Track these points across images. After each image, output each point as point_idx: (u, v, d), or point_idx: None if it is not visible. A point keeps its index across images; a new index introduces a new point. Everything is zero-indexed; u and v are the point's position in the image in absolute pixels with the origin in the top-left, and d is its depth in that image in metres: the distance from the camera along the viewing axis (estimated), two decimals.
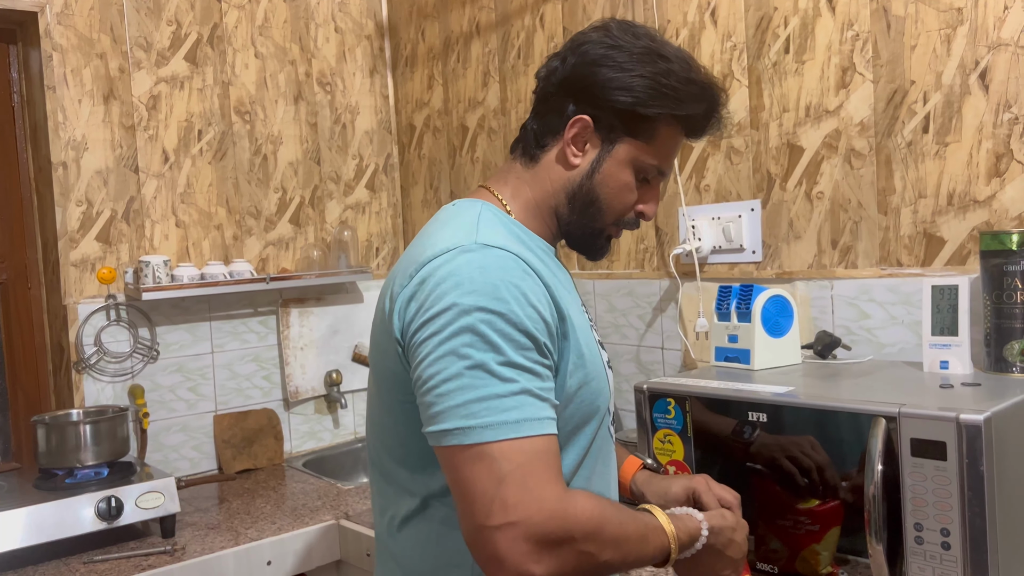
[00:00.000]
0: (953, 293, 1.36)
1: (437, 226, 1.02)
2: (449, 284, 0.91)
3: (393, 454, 1.03)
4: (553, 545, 0.85)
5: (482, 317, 0.88)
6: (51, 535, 1.67)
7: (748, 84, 1.78)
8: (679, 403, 1.41)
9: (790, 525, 1.25)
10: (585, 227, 1.08)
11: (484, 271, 0.91)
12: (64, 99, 2.15)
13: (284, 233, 2.53)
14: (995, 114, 1.43)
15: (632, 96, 1.00)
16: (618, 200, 1.06)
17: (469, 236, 0.95)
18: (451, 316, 0.89)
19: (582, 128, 1.04)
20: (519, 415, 0.87)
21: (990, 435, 1.06)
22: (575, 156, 1.05)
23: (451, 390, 0.88)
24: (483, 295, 0.89)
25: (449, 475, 0.89)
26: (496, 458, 0.86)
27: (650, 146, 1.04)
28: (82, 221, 2.18)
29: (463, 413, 0.87)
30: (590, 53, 1.03)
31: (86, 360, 2.15)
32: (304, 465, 2.39)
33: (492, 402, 0.87)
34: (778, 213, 1.75)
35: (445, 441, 0.88)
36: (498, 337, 0.88)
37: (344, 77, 2.67)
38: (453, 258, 0.93)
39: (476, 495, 0.86)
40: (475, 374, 0.87)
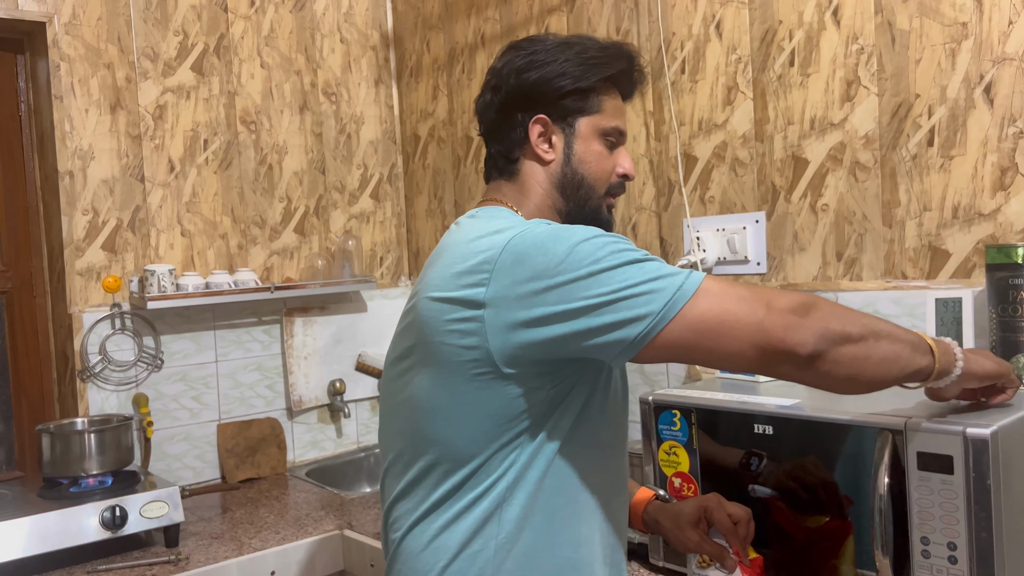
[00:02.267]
0: (957, 306, 1.37)
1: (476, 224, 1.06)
2: (548, 239, 0.94)
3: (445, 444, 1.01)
4: (807, 309, 0.91)
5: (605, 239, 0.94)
6: (55, 544, 1.67)
7: (753, 97, 1.79)
8: (684, 415, 1.41)
9: (805, 546, 1.24)
10: (584, 207, 1.16)
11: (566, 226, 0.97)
12: (71, 108, 2.16)
13: (289, 242, 2.54)
14: (1000, 128, 1.44)
15: (569, 78, 1.12)
16: (600, 169, 1.15)
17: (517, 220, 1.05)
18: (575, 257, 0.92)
19: (543, 125, 1.13)
20: (693, 280, 0.92)
21: (996, 449, 1.06)
22: (547, 152, 1.14)
23: (629, 285, 0.91)
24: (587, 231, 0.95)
25: (694, 338, 0.91)
26: (717, 294, 0.92)
27: (603, 113, 1.15)
28: (88, 230, 2.19)
29: (662, 285, 0.91)
30: (514, 67, 1.14)
31: (91, 369, 2.15)
32: (307, 475, 2.39)
33: (670, 271, 0.93)
34: (783, 225, 1.76)
35: (671, 314, 0.90)
36: (627, 245, 0.95)
37: (349, 87, 2.68)
38: (532, 228, 0.98)
39: (733, 313, 0.91)
40: (637, 265, 0.92)
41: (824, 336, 0.91)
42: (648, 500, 1.26)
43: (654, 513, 1.24)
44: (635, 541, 1.55)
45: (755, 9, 1.77)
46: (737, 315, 0.91)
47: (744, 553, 1.16)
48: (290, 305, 2.50)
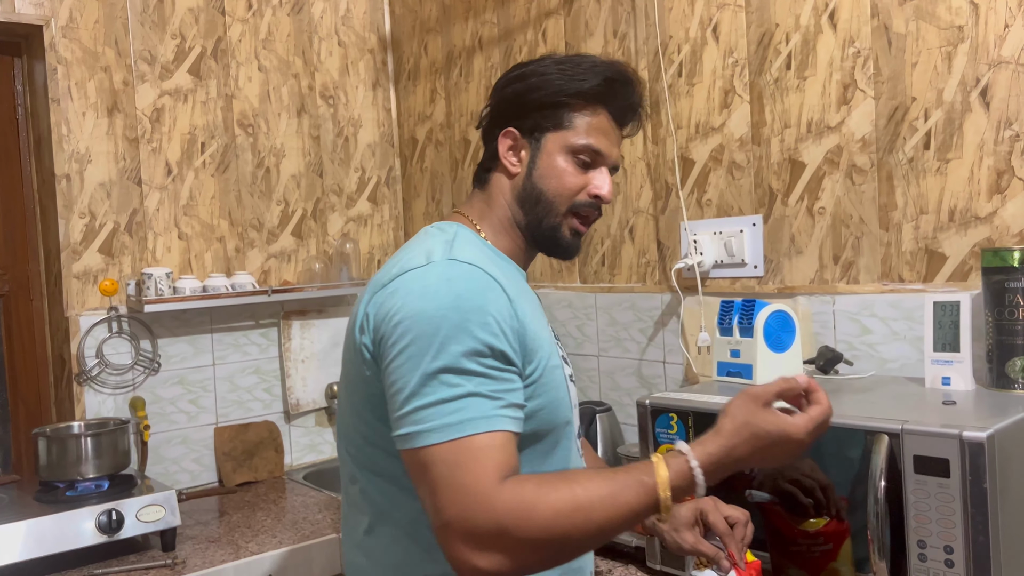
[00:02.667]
0: (955, 309, 1.37)
1: (415, 243, 1.11)
2: (415, 294, 0.98)
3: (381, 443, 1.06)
4: (488, 538, 0.88)
5: (440, 325, 0.94)
6: (51, 548, 1.67)
7: (750, 100, 1.79)
8: (682, 418, 1.41)
9: (804, 549, 1.24)
10: (542, 223, 1.15)
11: (450, 283, 0.98)
12: (68, 111, 2.16)
13: (286, 245, 2.54)
14: (996, 131, 1.44)
15: (539, 91, 1.12)
16: (561, 186, 1.13)
17: (443, 252, 1.03)
18: (411, 324, 0.96)
19: (512, 138, 1.15)
20: (459, 417, 0.92)
21: (993, 452, 1.06)
22: (513, 165, 1.15)
23: (406, 397, 0.94)
24: (445, 305, 0.96)
25: (411, 479, 0.96)
26: (436, 462, 0.91)
27: (572, 131, 1.13)
28: (85, 233, 2.19)
29: (413, 419, 0.93)
30: (501, 83, 1.18)
31: (87, 372, 2.15)
32: (305, 478, 2.38)
33: (437, 407, 0.92)
34: (780, 228, 1.76)
35: (400, 445, 0.95)
36: (453, 344, 0.94)
37: (347, 90, 2.68)
38: (426, 272, 1.00)
39: (424, 497, 0.93)
40: (426, 381, 0.93)
41: None
42: None
43: None
44: (632, 545, 1.55)
45: (752, 12, 1.77)
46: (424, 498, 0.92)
47: (740, 556, 1.16)
48: (288, 308, 2.50)
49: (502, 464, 0.92)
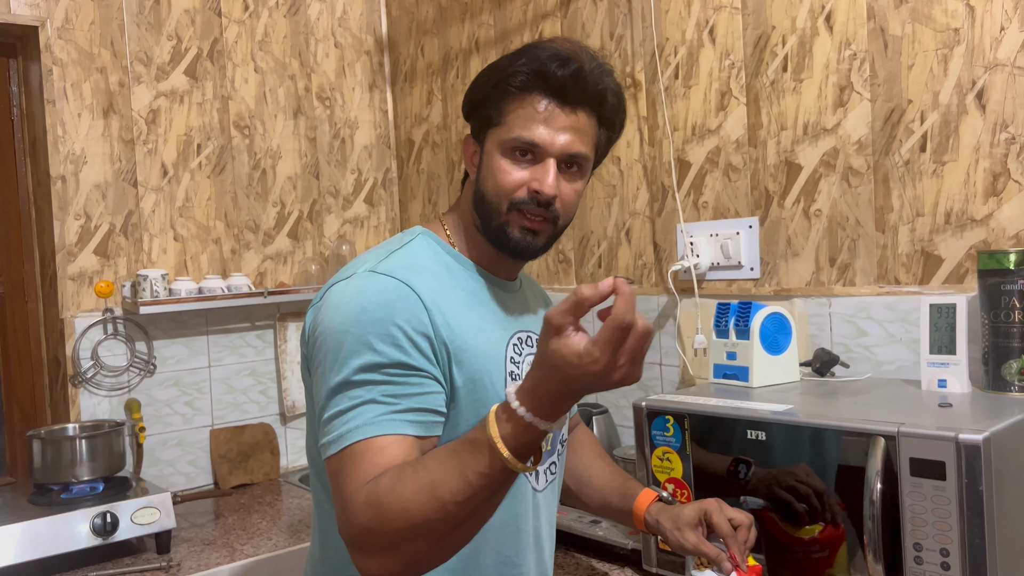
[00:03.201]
0: (951, 312, 1.37)
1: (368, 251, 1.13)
2: (331, 308, 1.01)
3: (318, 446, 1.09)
4: (363, 541, 0.89)
5: (343, 338, 0.97)
6: (46, 551, 1.66)
7: (746, 102, 1.79)
8: (678, 421, 1.40)
9: (800, 556, 1.24)
10: (489, 224, 1.10)
11: (360, 294, 0.99)
12: (64, 113, 2.16)
13: (282, 247, 2.53)
14: (992, 134, 1.44)
15: (473, 93, 1.12)
16: (498, 184, 1.07)
17: (371, 264, 1.04)
18: (324, 339, 0.99)
19: (468, 143, 1.15)
20: (349, 426, 0.94)
21: (989, 455, 1.06)
22: (472, 169, 1.15)
23: (319, 410, 0.98)
24: (350, 317, 0.97)
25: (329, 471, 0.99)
26: (331, 472, 0.94)
27: (504, 125, 1.07)
28: (80, 235, 2.18)
29: (323, 432, 0.96)
30: None
31: (83, 374, 2.14)
32: (300, 480, 2.38)
33: (336, 419, 0.95)
34: (776, 230, 1.76)
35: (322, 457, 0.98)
36: (352, 358, 0.95)
37: (343, 92, 2.67)
38: (345, 286, 1.03)
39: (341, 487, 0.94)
40: (331, 394, 0.96)
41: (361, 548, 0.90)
42: (651, 501, 1.26)
43: (656, 514, 1.24)
44: (628, 547, 1.55)
45: (748, 15, 1.77)
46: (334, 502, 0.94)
47: (742, 559, 1.16)
48: (284, 310, 2.49)
49: (377, 466, 0.89)
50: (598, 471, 1.35)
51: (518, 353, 1.12)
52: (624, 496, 1.29)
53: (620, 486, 1.32)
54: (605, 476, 1.34)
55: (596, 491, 1.33)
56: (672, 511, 1.23)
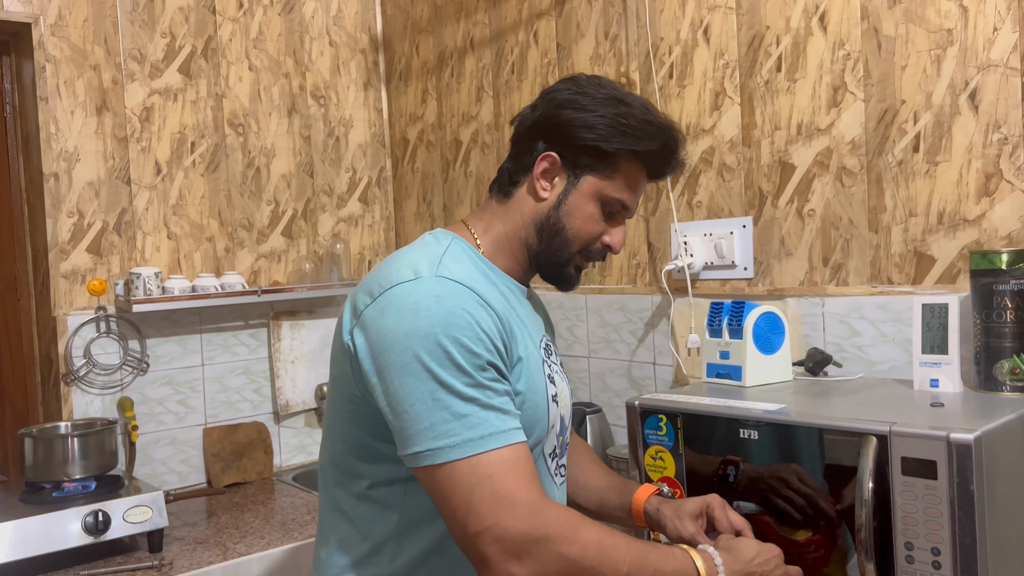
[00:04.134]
0: (943, 312, 1.37)
1: (407, 251, 1.10)
2: (408, 312, 0.98)
3: (346, 443, 1.10)
4: (530, 546, 0.92)
5: (439, 341, 0.96)
6: (37, 549, 1.66)
7: (740, 102, 1.79)
8: (671, 420, 1.40)
9: (796, 558, 1.24)
10: (552, 256, 1.15)
11: (440, 300, 0.98)
12: (57, 110, 2.15)
13: (276, 246, 2.53)
14: (984, 134, 1.44)
15: (594, 133, 1.10)
16: (583, 230, 1.14)
17: (431, 268, 1.03)
18: (409, 342, 0.96)
19: (550, 163, 1.12)
20: (483, 431, 0.94)
21: (980, 454, 1.06)
22: (544, 190, 1.13)
23: (418, 414, 0.95)
24: (439, 321, 0.97)
25: (429, 492, 0.99)
26: (465, 473, 0.93)
27: (612, 181, 1.12)
28: (73, 232, 2.17)
29: (431, 435, 0.95)
30: (557, 98, 1.13)
31: (75, 372, 2.14)
32: (294, 479, 2.37)
33: (456, 422, 0.94)
34: (770, 230, 1.76)
35: (419, 463, 0.96)
36: (456, 358, 0.96)
37: (338, 90, 2.67)
38: (414, 288, 1.00)
39: (454, 509, 0.94)
40: (438, 395, 0.95)
41: None
42: (650, 494, 1.28)
43: (656, 504, 1.25)
44: None
45: (743, 15, 1.78)
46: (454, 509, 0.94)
47: None
48: (277, 309, 2.49)
49: (534, 475, 0.97)
50: (594, 474, 1.36)
51: (548, 356, 1.14)
52: (622, 492, 1.30)
53: (617, 484, 1.33)
54: (601, 477, 1.36)
55: (593, 492, 1.33)
56: (674, 502, 1.24)
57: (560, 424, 1.15)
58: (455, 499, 0.94)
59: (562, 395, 1.15)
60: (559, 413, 1.13)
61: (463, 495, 0.93)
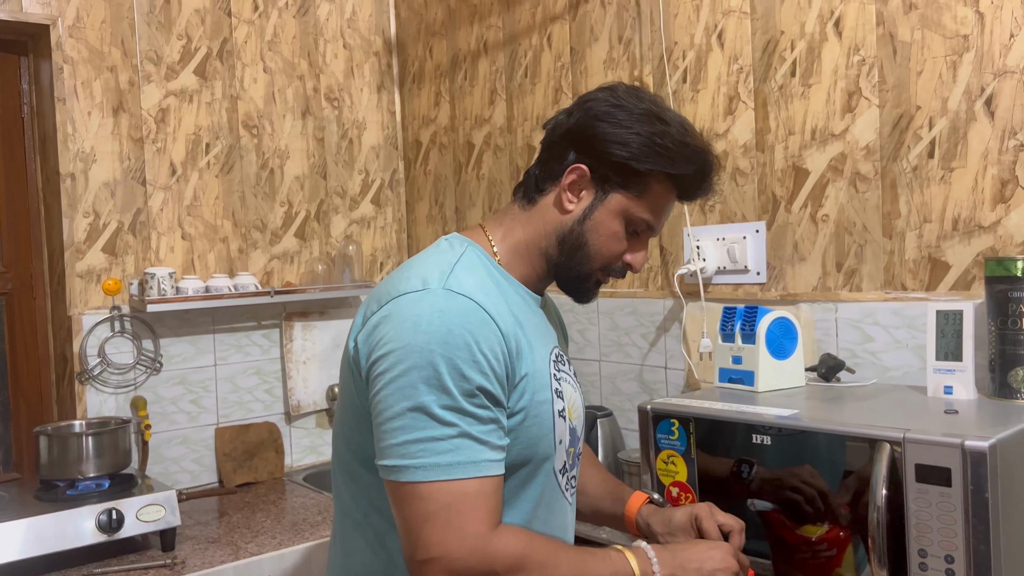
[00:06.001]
0: (958, 318, 1.36)
1: (421, 260, 1.09)
2: (408, 324, 0.97)
3: (353, 452, 1.10)
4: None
5: (431, 359, 0.95)
6: (51, 547, 1.67)
7: (754, 107, 1.79)
8: (683, 424, 1.40)
9: (809, 557, 1.24)
10: (572, 270, 1.13)
11: (443, 315, 0.97)
12: (74, 111, 2.17)
13: (289, 247, 2.54)
14: (1000, 140, 1.44)
15: (627, 151, 1.07)
16: (606, 247, 1.12)
17: (441, 279, 1.02)
18: (403, 355, 0.96)
19: (579, 176, 1.10)
20: (452, 459, 0.94)
21: (995, 462, 1.06)
22: (570, 202, 1.11)
23: (394, 428, 0.95)
24: (436, 338, 0.96)
25: (391, 505, 0.98)
26: (424, 498, 0.94)
27: (641, 200, 1.10)
28: (89, 232, 2.19)
29: (401, 452, 0.95)
30: (594, 109, 1.10)
31: (89, 371, 2.15)
32: (305, 479, 2.38)
33: (428, 444, 0.94)
34: (783, 235, 1.76)
35: (385, 475, 0.97)
36: (444, 380, 0.95)
37: (352, 93, 2.68)
38: (420, 299, 0.99)
39: (408, 530, 0.95)
40: (416, 416, 0.95)
41: None
42: (641, 503, 1.27)
43: (647, 516, 1.24)
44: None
45: (757, 19, 1.78)
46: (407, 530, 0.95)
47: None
48: (290, 310, 2.50)
49: (494, 510, 0.96)
50: (591, 479, 1.34)
51: (558, 370, 1.12)
52: (615, 500, 1.30)
53: (611, 491, 1.32)
54: (598, 483, 1.34)
55: (589, 498, 1.32)
56: (663, 514, 1.23)
57: (570, 437, 1.13)
58: (410, 521, 0.94)
59: (572, 408, 1.12)
60: (568, 427, 1.11)
61: (418, 520, 0.94)
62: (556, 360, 1.12)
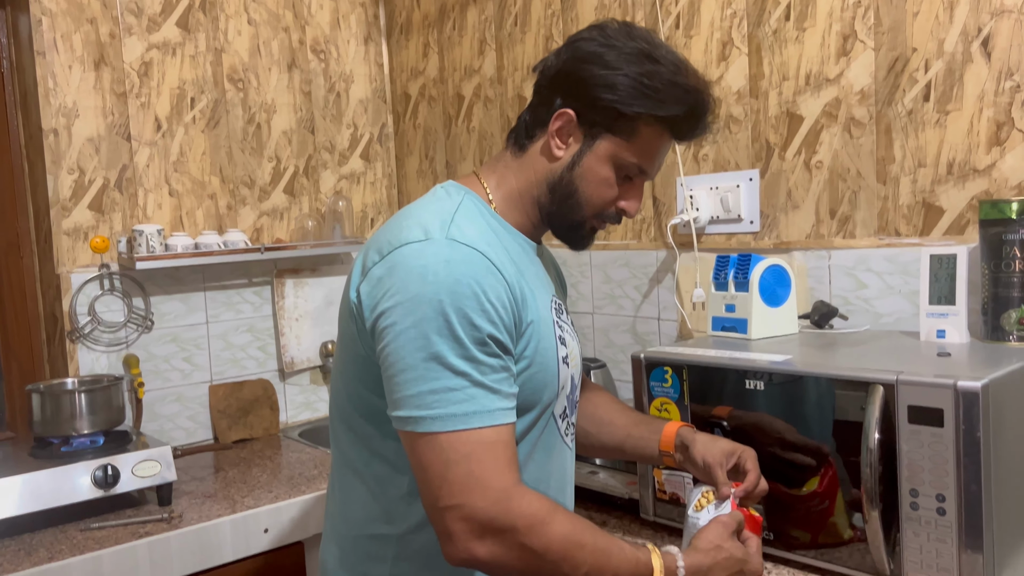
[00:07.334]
0: (951, 262, 1.36)
1: (419, 208, 1.07)
2: (415, 274, 0.96)
3: (353, 402, 1.09)
4: (496, 531, 0.93)
5: (441, 309, 0.94)
6: (48, 503, 1.67)
7: (748, 52, 1.76)
8: (676, 372, 1.41)
9: (803, 512, 1.25)
10: (565, 218, 1.12)
11: (449, 265, 0.96)
12: (54, 65, 2.12)
13: (278, 203, 2.51)
14: (996, 82, 1.42)
15: (614, 94, 1.03)
16: (596, 195, 1.09)
17: (443, 228, 1.00)
18: (412, 306, 0.95)
19: (566, 122, 1.07)
20: (468, 408, 0.94)
21: (987, 402, 1.07)
22: (558, 148, 1.08)
23: (407, 380, 0.95)
24: (444, 288, 0.94)
25: (408, 455, 0.98)
26: (444, 448, 0.93)
27: (631, 144, 1.06)
28: (74, 189, 2.16)
29: (417, 403, 0.94)
30: (582, 49, 1.06)
31: (80, 330, 2.14)
32: (300, 435, 2.39)
33: (444, 395, 0.94)
34: (776, 183, 1.75)
35: (401, 427, 0.96)
36: (455, 329, 0.94)
37: (338, 45, 2.63)
38: (423, 249, 0.98)
39: (429, 478, 0.94)
40: (429, 365, 0.94)
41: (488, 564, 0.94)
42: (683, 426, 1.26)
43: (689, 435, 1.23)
44: (626, 497, 1.56)
45: None
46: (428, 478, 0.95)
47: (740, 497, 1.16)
48: (280, 267, 2.48)
49: (512, 460, 0.96)
50: (619, 412, 1.33)
51: (559, 317, 1.11)
52: (651, 422, 1.29)
53: (646, 419, 1.32)
54: (628, 414, 1.33)
55: (620, 428, 1.30)
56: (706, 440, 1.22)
57: (570, 384, 1.14)
58: (430, 470, 0.94)
59: (572, 355, 1.13)
60: (569, 374, 1.12)
61: (438, 469, 0.93)
62: (556, 309, 1.12)
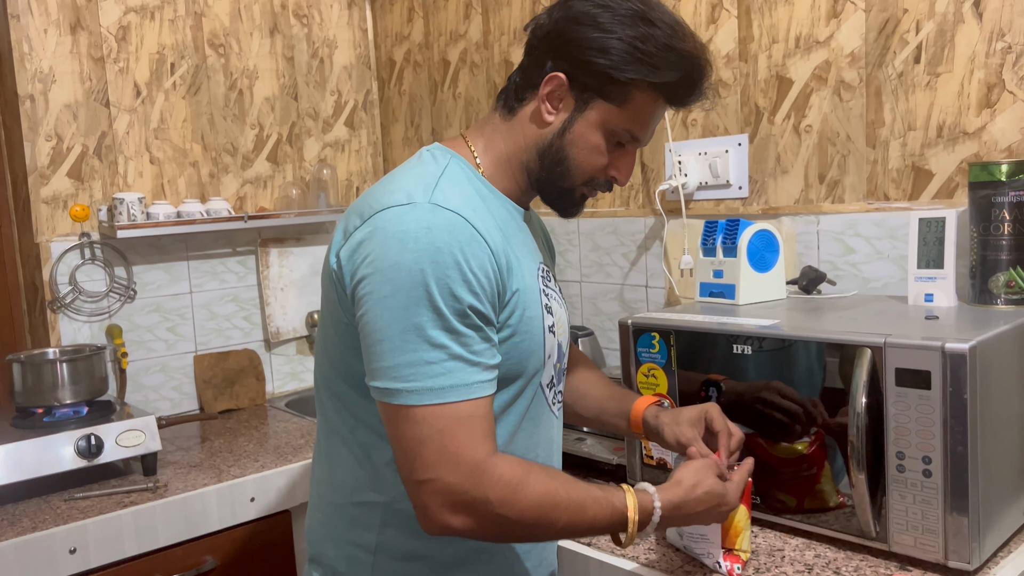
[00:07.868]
0: (940, 226, 1.35)
1: (403, 172, 1.04)
2: (395, 241, 0.93)
3: (337, 369, 1.08)
4: (469, 504, 0.92)
5: (421, 279, 0.91)
6: (31, 473, 1.65)
7: (737, 14, 1.74)
8: (664, 337, 1.40)
9: (789, 475, 1.25)
10: (554, 185, 1.09)
11: (430, 232, 0.93)
12: (29, 28, 2.07)
13: (261, 171, 2.48)
14: (988, 43, 1.40)
15: (607, 59, 1.00)
16: (587, 162, 1.07)
17: (426, 193, 0.97)
18: (391, 274, 0.92)
19: (556, 86, 1.04)
20: (444, 382, 0.92)
21: (975, 364, 1.06)
22: (548, 113, 1.05)
23: (384, 351, 0.93)
24: (425, 257, 0.92)
25: (385, 426, 0.97)
26: (418, 421, 0.92)
27: (623, 111, 1.03)
28: (52, 157, 2.12)
29: (393, 375, 0.93)
30: (575, 9, 1.02)
31: (61, 299, 2.11)
32: (287, 405, 2.38)
33: (421, 368, 0.92)
34: (765, 148, 1.73)
35: (379, 397, 0.95)
36: (435, 300, 0.92)
37: (321, 9, 2.58)
38: (405, 214, 0.95)
39: (404, 450, 0.94)
40: (407, 336, 0.92)
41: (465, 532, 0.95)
42: (649, 404, 1.25)
43: (655, 412, 1.23)
44: (612, 463, 1.56)
45: None
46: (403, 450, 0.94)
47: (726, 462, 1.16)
48: (265, 235, 2.45)
49: (487, 432, 0.94)
50: (594, 384, 1.33)
51: (545, 286, 1.09)
52: (621, 401, 1.28)
53: (617, 394, 1.31)
54: (602, 388, 1.33)
55: (593, 401, 1.31)
56: (673, 410, 1.22)
57: (557, 352, 1.12)
58: (405, 443, 0.93)
59: (559, 323, 1.11)
60: (556, 342, 1.10)
61: (412, 442, 0.92)
62: (543, 276, 1.10)
